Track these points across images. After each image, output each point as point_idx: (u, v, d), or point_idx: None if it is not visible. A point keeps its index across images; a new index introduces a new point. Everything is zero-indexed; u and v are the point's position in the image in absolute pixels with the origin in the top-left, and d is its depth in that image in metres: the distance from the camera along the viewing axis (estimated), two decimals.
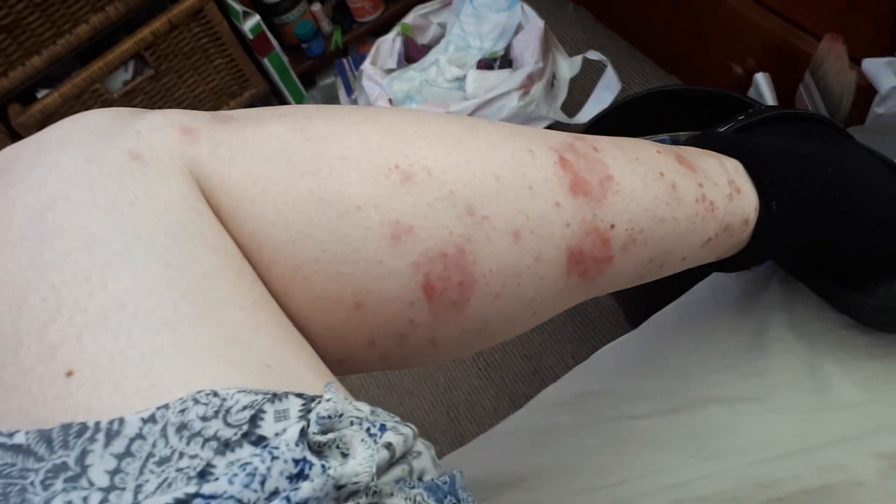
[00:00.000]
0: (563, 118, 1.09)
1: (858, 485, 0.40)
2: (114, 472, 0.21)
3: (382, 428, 0.25)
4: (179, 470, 0.21)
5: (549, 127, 1.11)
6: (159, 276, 0.25)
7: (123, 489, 0.21)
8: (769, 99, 0.92)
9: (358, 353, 0.32)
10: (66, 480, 0.21)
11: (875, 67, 0.71)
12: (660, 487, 0.44)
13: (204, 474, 0.21)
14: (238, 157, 0.30)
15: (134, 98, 1.36)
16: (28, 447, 0.21)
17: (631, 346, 0.52)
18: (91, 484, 0.21)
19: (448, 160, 0.31)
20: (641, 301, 0.82)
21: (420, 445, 0.28)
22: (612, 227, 0.35)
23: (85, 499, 0.20)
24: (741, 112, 0.53)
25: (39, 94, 1.31)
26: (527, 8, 1.09)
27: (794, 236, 0.41)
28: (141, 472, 0.21)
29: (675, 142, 0.74)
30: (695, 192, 0.38)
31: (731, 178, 0.40)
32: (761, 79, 0.88)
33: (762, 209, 0.40)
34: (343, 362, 0.33)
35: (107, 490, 0.21)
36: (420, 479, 0.27)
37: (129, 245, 0.25)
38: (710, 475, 0.44)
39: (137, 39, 1.29)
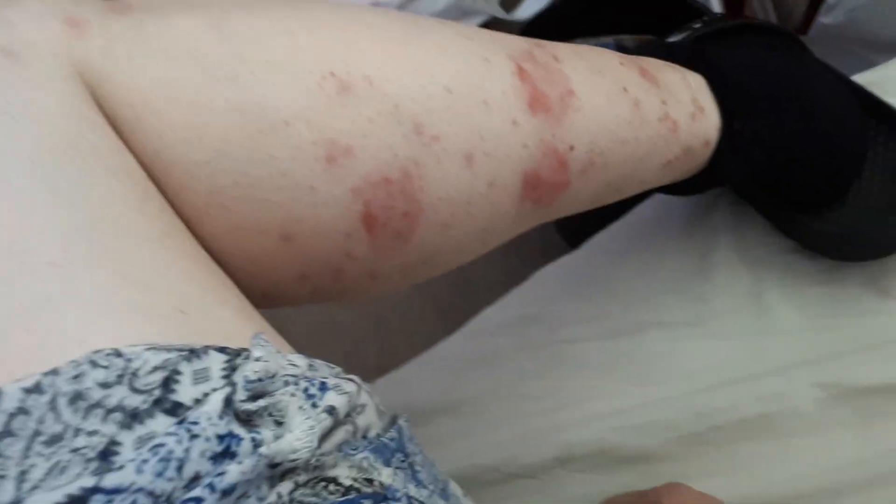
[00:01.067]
0: (500, 13, 1.02)
1: (796, 414, 0.40)
2: None
3: (323, 387, 0.22)
4: (75, 451, 0.18)
5: (486, 25, 1.05)
6: (45, 205, 0.21)
7: (3, 477, 0.17)
8: (716, 2, 0.89)
9: (286, 287, 0.29)
10: None
11: None
12: (598, 414, 0.43)
13: (106, 454, 0.18)
14: (139, 58, 0.24)
15: None
16: None
17: (573, 268, 0.50)
18: None
19: (393, 68, 0.27)
20: (576, 216, 0.81)
21: (364, 397, 0.25)
22: (572, 148, 0.31)
23: None
24: (694, 19, 0.49)
25: None
26: None
27: (753, 159, 0.39)
28: (25, 456, 0.17)
29: (620, 46, 0.70)
30: (658, 111, 0.34)
31: (695, 95, 0.37)
32: None
33: (724, 131, 0.38)
34: (268, 296, 0.29)
35: None
36: (365, 436, 0.24)
37: (5, 168, 0.21)
38: (649, 403, 0.43)
39: None
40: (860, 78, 0.47)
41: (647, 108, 0.34)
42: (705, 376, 0.43)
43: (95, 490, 0.17)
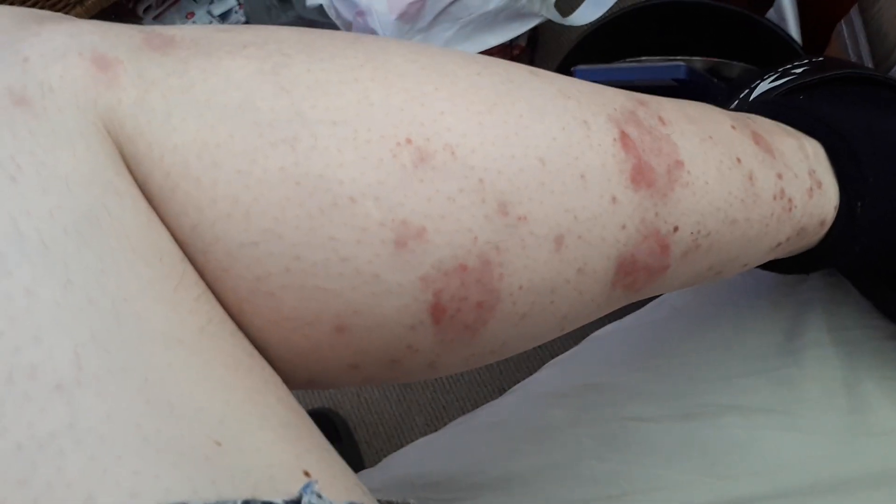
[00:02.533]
0: (556, 17, 0.97)
1: None
2: None
3: None
4: None
5: (538, 27, 1.00)
6: (53, 305, 0.17)
7: None
8: (793, 26, 0.83)
9: (335, 376, 0.25)
10: None
11: None
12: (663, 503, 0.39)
13: None
14: (179, 112, 0.20)
15: None
16: None
17: (641, 333, 0.45)
18: None
19: (480, 135, 0.22)
20: None
21: None
22: (676, 229, 0.27)
23: None
24: (788, 60, 0.44)
25: None
26: None
27: (872, 244, 0.34)
28: None
29: (690, 69, 0.65)
30: (773, 187, 0.30)
31: (813, 167, 0.32)
32: (787, 1, 0.79)
33: (843, 210, 0.33)
34: (314, 382, 0.25)
35: None
36: None
37: (6, 254, 0.17)
38: (723, 500, 0.38)
39: None
40: None
41: (762, 183, 0.29)
42: (789, 476, 0.38)
43: None
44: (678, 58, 0.76)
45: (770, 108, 0.36)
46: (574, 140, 0.24)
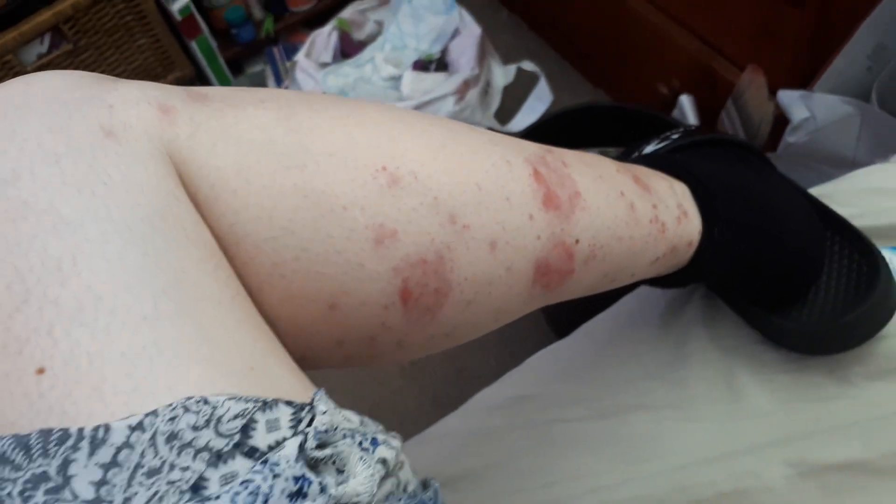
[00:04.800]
0: (496, 125, 1.11)
1: (768, 490, 0.43)
2: (100, 484, 0.19)
3: (374, 442, 0.24)
4: (171, 483, 0.20)
5: None
6: (137, 266, 0.23)
7: (110, 502, 0.19)
8: (692, 120, 0.97)
9: (324, 351, 0.32)
10: (46, 492, 0.19)
11: (789, 99, 0.76)
12: (588, 489, 0.46)
13: (197, 488, 0.20)
14: (220, 144, 0.28)
15: None
16: (3, 454, 0.20)
17: (562, 353, 0.54)
18: (75, 496, 0.19)
19: (434, 165, 0.31)
20: (564, 308, 0.85)
21: (402, 454, 0.27)
22: (577, 241, 0.36)
23: None
24: (671, 129, 0.56)
25: None
26: (465, 13, 1.11)
27: (727, 261, 0.44)
28: (129, 485, 0.20)
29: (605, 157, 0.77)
30: (650, 213, 0.40)
31: (680, 201, 0.42)
32: (685, 100, 0.93)
33: (704, 234, 0.43)
34: (305, 359, 0.32)
35: (92, 503, 0.19)
36: (405, 490, 0.26)
37: (104, 230, 0.23)
38: (635, 479, 0.46)
39: (56, 11, 1.22)
40: (815, 191, 0.53)
41: (641, 210, 0.39)
42: (685, 455, 0.46)
43: None
44: (594, 148, 0.90)
45: (650, 160, 0.47)
46: (501, 173, 0.33)
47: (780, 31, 0.76)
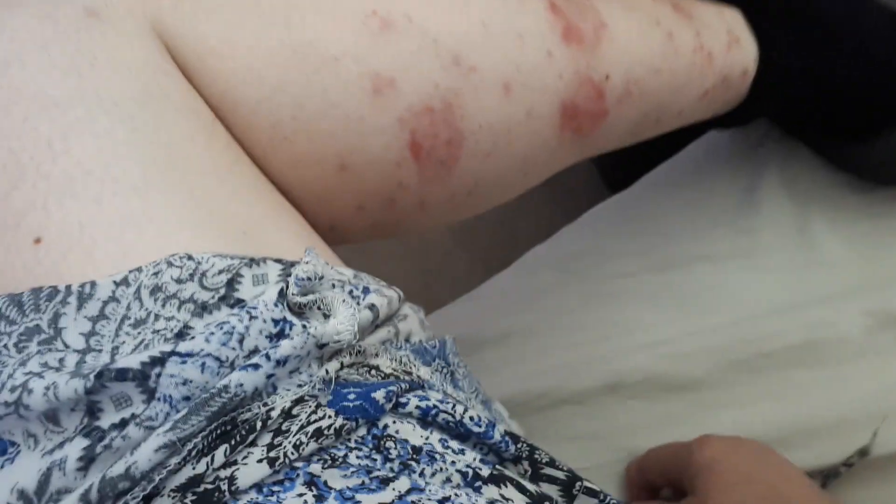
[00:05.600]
0: None
1: (843, 341, 0.40)
2: (89, 335, 0.21)
3: (366, 290, 0.24)
4: (156, 332, 0.21)
5: None
6: (126, 141, 0.24)
7: (100, 351, 0.20)
8: None
9: (347, 219, 0.31)
10: (40, 343, 0.20)
11: None
12: (645, 344, 0.44)
13: (181, 335, 0.21)
14: (202, 11, 0.27)
15: None
16: None
17: (620, 206, 0.51)
18: (66, 346, 0.20)
19: (430, 5, 0.29)
20: (621, 162, 0.81)
21: (407, 309, 0.27)
22: (607, 77, 0.32)
23: (61, 360, 0.20)
24: None
25: None
26: None
27: (795, 87, 0.39)
28: (116, 335, 0.21)
29: None
30: (692, 42, 0.36)
31: (730, 26, 0.38)
32: None
33: (762, 59, 0.38)
34: (334, 229, 0.31)
35: (82, 352, 0.20)
36: (407, 340, 0.26)
37: (91, 109, 0.24)
38: (696, 332, 0.44)
39: None
40: None
41: (681, 39, 0.35)
42: (752, 306, 0.43)
43: (172, 353, 0.20)
44: None
45: None
46: (511, 8, 0.30)
47: None
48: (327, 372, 0.22)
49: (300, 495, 0.19)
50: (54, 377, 0.19)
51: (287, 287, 0.22)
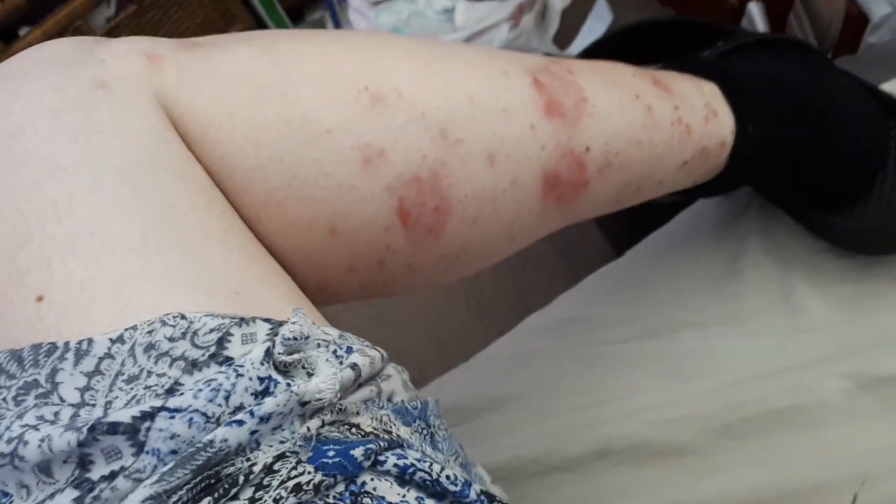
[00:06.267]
0: (554, 50, 1.07)
1: (823, 405, 0.41)
2: (84, 390, 0.21)
3: (349, 350, 0.25)
4: (148, 387, 0.22)
5: None
6: (127, 204, 0.25)
7: (94, 405, 0.21)
8: (762, 28, 0.90)
9: (338, 280, 0.32)
10: (37, 397, 0.21)
11: None
12: (636, 408, 0.45)
13: (172, 391, 0.22)
14: (204, 83, 0.29)
15: (118, 35, 1.33)
16: (0, 366, 0.22)
17: (613, 274, 0.52)
18: (62, 400, 0.21)
19: (419, 81, 0.31)
20: (630, 234, 0.83)
21: (391, 369, 0.28)
22: (588, 150, 0.34)
23: (56, 413, 0.21)
24: (723, 38, 0.52)
25: (22, 32, 1.28)
26: None
27: (771, 158, 0.41)
28: (110, 390, 0.22)
29: None
30: (671, 115, 0.37)
31: (708, 100, 0.40)
32: (754, 8, 0.87)
33: (738, 132, 0.40)
34: (324, 290, 0.33)
35: (77, 406, 0.21)
36: (389, 400, 0.27)
37: (97, 173, 0.25)
38: (683, 398, 0.45)
39: None
40: (887, 85, 0.49)
41: (660, 112, 0.37)
42: (737, 371, 0.44)
43: (162, 409, 0.21)
44: (657, 66, 0.85)
45: (677, 64, 0.44)
46: (496, 84, 0.32)
47: None
48: (308, 429, 0.23)
49: None
50: (49, 430, 0.20)
51: (273, 346, 0.23)
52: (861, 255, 0.45)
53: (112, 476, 0.20)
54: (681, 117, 0.38)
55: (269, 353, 0.23)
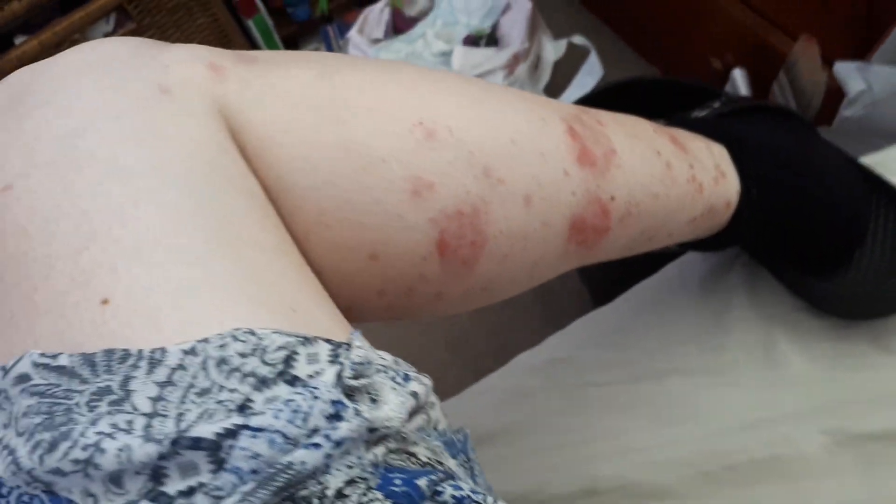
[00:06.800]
0: None
1: (802, 458, 0.43)
2: (156, 400, 0.21)
3: (406, 377, 0.25)
4: (219, 402, 0.21)
5: None
6: (190, 212, 0.25)
7: (165, 416, 0.21)
8: (745, 93, 0.95)
9: (366, 301, 0.33)
10: (110, 403, 0.21)
11: (845, 71, 0.74)
12: (621, 449, 0.47)
13: (243, 408, 0.22)
14: (266, 100, 0.29)
15: None
16: (72, 369, 0.22)
17: (601, 319, 0.54)
18: (135, 409, 0.21)
19: (469, 121, 0.32)
20: (608, 282, 0.85)
21: (433, 396, 0.28)
22: (613, 198, 0.36)
23: (129, 422, 0.21)
24: (716, 99, 0.55)
25: (17, 41, 1.28)
26: None
27: (767, 221, 0.44)
28: (182, 401, 0.21)
29: None
30: (686, 173, 0.40)
31: (718, 162, 0.42)
32: (738, 74, 0.91)
33: (743, 194, 0.43)
34: (350, 309, 0.33)
35: (149, 416, 0.21)
36: (435, 428, 0.27)
37: (161, 179, 0.25)
38: (668, 442, 0.47)
39: None
40: (867, 159, 0.52)
41: (677, 169, 0.39)
42: (720, 420, 0.46)
43: (245, 427, 0.21)
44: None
45: (688, 124, 0.47)
46: (535, 129, 0.34)
47: (837, 1, 0.74)
48: (376, 456, 0.23)
49: None
50: (126, 439, 0.20)
51: (343, 370, 0.23)
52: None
53: (190, 492, 0.20)
54: (695, 175, 0.40)
55: (339, 376, 0.23)
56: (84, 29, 1.29)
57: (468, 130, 0.32)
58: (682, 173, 0.39)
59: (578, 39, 1.07)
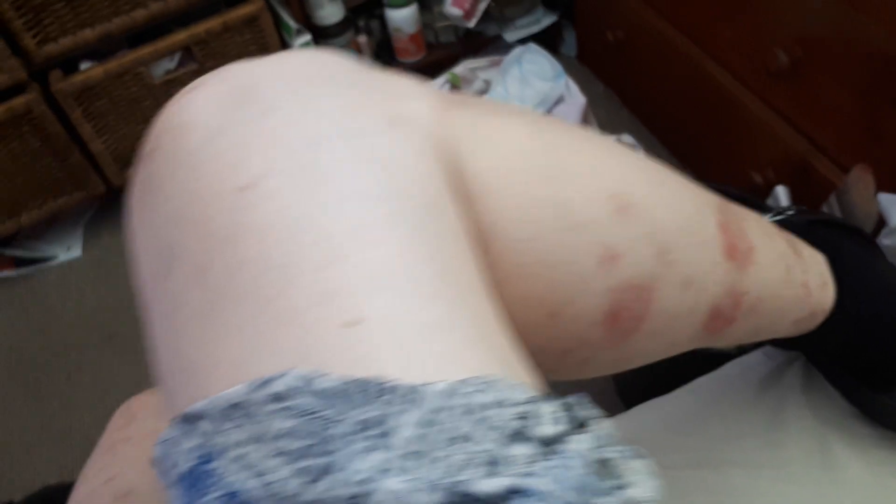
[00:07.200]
0: None
1: None
2: (412, 440, 0.20)
3: (623, 450, 0.24)
4: (469, 454, 0.20)
5: None
6: (423, 246, 0.24)
7: (419, 460, 0.20)
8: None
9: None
10: (368, 438, 0.20)
11: (889, 202, 0.79)
12: None
13: (494, 463, 0.20)
14: (489, 147, 0.30)
15: (173, 88, 1.39)
16: (332, 395, 0.21)
17: (662, 406, 0.57)
18: (393, 447, 0.20)
19: (655, 200, 0.34)
20: (636, 381, 0.87)
21: None
22: (745, 293, 0.38)
23: (387, 460, 0.20)
24: (765, 214, 0.59)
25: (83, 66, 1.33)
26: (571, 83, 1.17)
27: (850, 333, 0.47)
28: (436, 447, 0.20)
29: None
30: (801, 277, 0.43)
31: (822, 269, 0.46)
32: (781, 191, 0.96)
33: (837, 304, 0.46)
34: None
35: (404, 458, 0.20)
36: None
37: (397, 207, 0.24)
38: None
39: (191, 33, 1.33)
40: None
41: (795, 272, 0.42)
42: None
43: (525, 490, 0.19)
44: None
45: (793, 228, 0.50)
46: (701, 218, 0.36)
47: (885, 133, 0.80)
48: None
49: None
50: (395, 482, 0.19)
51: (593, 439, 0.22)
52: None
53: None
54: (807, 281, 0.43)
55: (589, 444, 0.21)
56: (149, 63, 1.34)
57: (654, 209, 0.33)
58: (798, 277, 0.42)
59: (626, 138, 1.12)
